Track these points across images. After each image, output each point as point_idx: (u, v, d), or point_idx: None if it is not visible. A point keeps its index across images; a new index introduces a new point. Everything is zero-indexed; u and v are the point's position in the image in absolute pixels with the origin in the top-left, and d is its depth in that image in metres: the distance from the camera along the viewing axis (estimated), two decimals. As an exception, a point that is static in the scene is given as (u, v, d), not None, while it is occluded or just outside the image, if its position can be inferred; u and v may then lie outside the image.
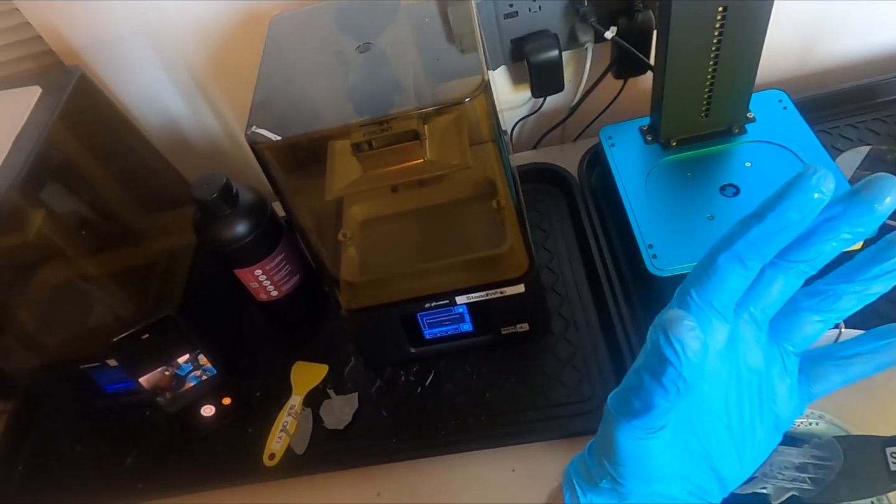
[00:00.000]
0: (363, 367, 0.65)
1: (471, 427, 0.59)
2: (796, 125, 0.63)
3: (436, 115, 0.49)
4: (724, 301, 0.25)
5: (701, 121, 0.63)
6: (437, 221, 0.62)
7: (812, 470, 0.36)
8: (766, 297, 0.27)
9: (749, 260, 0.24)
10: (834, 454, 0.36)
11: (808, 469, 0.37)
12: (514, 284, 0.56)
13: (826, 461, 0.37)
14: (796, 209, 0.23)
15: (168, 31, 0.70)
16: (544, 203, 0.75)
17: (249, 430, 0.64)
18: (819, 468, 0.36)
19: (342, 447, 0.60)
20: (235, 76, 0.75)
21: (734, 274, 0.25)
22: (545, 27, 0.70)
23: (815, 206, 0.23)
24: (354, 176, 0.51)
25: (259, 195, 0.61)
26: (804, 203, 0.23)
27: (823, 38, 0.77)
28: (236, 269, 0.62)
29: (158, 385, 0.62)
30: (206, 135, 0.81)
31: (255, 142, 0.44)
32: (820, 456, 0.37)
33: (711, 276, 0.25)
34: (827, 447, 0.37)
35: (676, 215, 0.59)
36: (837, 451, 0.36)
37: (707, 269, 0.25)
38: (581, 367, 0.60)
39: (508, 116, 0.82)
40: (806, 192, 0.23)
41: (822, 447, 0.37)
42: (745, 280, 0.25)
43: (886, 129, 0.69)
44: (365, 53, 0.49)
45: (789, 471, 0.37)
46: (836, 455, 0.36)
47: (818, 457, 0.37)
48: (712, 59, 0.57)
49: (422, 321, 0.60)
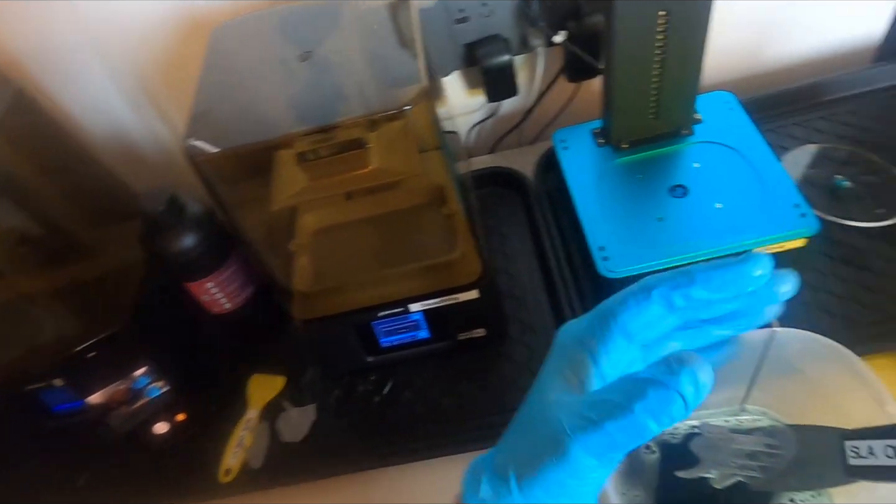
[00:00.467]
0: (320, 378, 0.64)
1: (430, 434, 0.59)
2: (742, 125, 0.64)
3: (382, 122, 0.48)
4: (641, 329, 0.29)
5: (650, 123, 0.64)
6: (391, 229, 0.62)
7: (763, 458, 0.36)
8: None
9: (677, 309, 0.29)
10: (786, 443, 0.36)
11: (759, 457, 0.36)
12: (467, 290, 0.56)
13: (777, 449, 0.36)
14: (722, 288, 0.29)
15: (114, 40, 0.69)
16: (502, 207, 0.75)
17: (205, 445, 0.62)
18: (770, 456, 0.36)
19: (299, 460, 0.59)
20: (186, 85, 0.73)
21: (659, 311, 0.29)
22: (496, 32, 0.70)
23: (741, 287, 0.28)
24: (300, 185, 0.50)
25: (208, 207, 0.60)
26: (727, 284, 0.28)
27: (769, 41, 0.79)
28: (187, 283, 0.61)
29: (111, 402, 0.60)
30: (157, 145, 0.80)
31: (193, 154, 0.44)
32: (772, 444, 0.36)
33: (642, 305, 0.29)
34: (780, 435, 0.36)
35: (627, 217, 0.59)
36: (790, 440, 0.35)
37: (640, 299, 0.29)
38: (538, 371, 0.60)
39: (465, 120, 0.82)
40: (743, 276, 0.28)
41: (774, 435, 0.37)
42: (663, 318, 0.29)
43: (830, 128, 0.71)
44: (307, 61, 0.49)
45: (740, 458, 0.36)
46: (789, 444, 0.35)
47: (770, 445, 0.36)
48: (658, 62, 0.58)
49: (377, 330, 0.60)
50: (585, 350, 0.29)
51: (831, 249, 0.60)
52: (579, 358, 0.29)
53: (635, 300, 0.29)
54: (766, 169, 0.59)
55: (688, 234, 0.56)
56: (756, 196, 0.58)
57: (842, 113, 0.72)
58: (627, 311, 0.29)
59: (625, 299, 0.29)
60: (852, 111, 0.72)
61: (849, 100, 0.73)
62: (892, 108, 0.71)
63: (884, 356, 0.53)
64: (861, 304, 0.56)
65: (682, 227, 0.57)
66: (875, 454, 0.31)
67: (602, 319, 0.29)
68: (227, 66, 0.51)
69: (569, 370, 0.29)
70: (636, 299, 0.29)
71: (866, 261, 0.59)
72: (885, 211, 0.62)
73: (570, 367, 0.29)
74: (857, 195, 0.64)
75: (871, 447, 0.31)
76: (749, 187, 0.58)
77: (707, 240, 0.55)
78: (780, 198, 0.57)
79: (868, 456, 0.31)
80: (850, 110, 0.72)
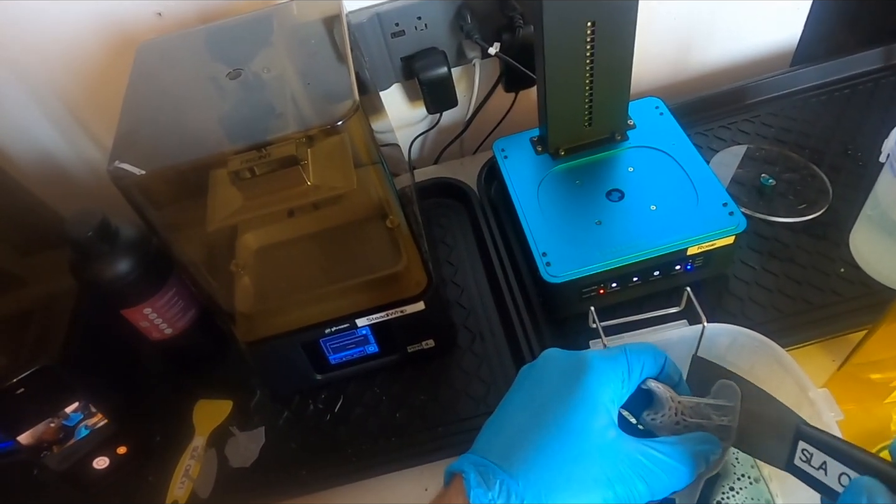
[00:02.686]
0: (269, 400, 0.63)
1: (382, 450, 0.58)
2: (672, 130, 0.67)
3: (317, 138, 0.48)
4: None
5: (585, 130, 0.65)
6: (335, 244, 0.61)
7: (714, 416, 0.35)
8: None
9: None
10: (731, 396, 0.35)
11: (710, 415, 0.35)
12: (413, 303, 0.56)
13: (727, 402, 0.36)
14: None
15: (34, 60, 0.66)
16: (447, 217, 0.76)
17: (150, 478, 0.60)
18: (719, 409, 0.35)
19: (249, 485, 0.58)
20: (114, 105, 0.71)
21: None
22: (433, 45, 0.71)
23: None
24: (236, 205, 0.49)
25: (143, 229, 0.58)
26: None
27: (694, 48, 0.82)
28: (123, 310, 0.59)
29: (43, 440, 0.57)
30: (87, 168, 0.77)
31: (118, 177, 0.42)
32: (719, 405, 0.36)
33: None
34: (725, 390, 0.36)
35: (567, 222, 0.61)
36: (734, 393, 0.35)
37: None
38: (488, 378, 0.61)
39: (407, 132, 0.83)
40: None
41: (720, 391, 0.36)
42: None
43: (754, 129, 0.75)
44: (237, 79, 0.48)
45: (692, 417, 0.36)
46: (733, 397, 0.35)
47: (717, 406, 0.36)
48: (589, 71, 0.60)
49: (325, 347, 0.59)
50: (620, 376, 0.35)
51: (759, 245, 0.63)
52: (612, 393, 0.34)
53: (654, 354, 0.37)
54: (695, 171, 0.62)
55: (625, 237, 0.58)
56: (687, 197, 0.60)
57: (764, 115, 0.76)
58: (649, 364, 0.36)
59: (647, 348, 0.37)
60: (773, 113, 0.76)
61: (770, 102, 0.77)
62: (809, 108, 0.76)
63: (811, 343, 0.56)
64: (788, 295, 0.59)
65: (619, 230, 0.59)
66: (826, 472, 0.30)
67: (631, 357, 0.35)
68: (153, 84, 0.50)
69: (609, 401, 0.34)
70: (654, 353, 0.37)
71: (791, 254, 0.62)
72: (806, 206, 0.66)
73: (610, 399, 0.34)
74: (781, 192, 0.67)
75: (825, 463, 0.30)
76: (681, 189, 0.61)
77: (643, 241, 0.57)
78: (709, 198, 0.59)
79: (818, 469, 0.30)
80: (772, 112, 0.76)
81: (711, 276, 0.61)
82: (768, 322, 0.58)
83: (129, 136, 0.45)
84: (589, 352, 0.36)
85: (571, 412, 0.32)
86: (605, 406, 0.33)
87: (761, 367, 0.41)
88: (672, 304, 0.52)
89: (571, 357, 0.35)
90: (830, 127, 0.73)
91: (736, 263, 0.62)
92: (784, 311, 0.58)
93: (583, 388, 0.33)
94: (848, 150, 0.70)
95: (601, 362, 0.34)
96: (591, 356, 0.35)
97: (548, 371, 0.35)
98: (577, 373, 0.34)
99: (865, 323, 0.54)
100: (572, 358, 0.35)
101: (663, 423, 0.36)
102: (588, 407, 0.32)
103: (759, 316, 0.58)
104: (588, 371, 0.33)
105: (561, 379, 0.34)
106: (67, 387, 0.55)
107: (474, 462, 0.32)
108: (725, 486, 0.46)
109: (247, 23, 0.55)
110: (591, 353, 0.35)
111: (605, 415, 0.32)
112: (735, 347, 0.43)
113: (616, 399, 0.34)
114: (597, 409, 0.32)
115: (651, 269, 0.58)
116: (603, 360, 0.34)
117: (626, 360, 0.35)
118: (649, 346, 0.37)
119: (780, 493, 0.45)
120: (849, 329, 0.55)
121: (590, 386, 0.33)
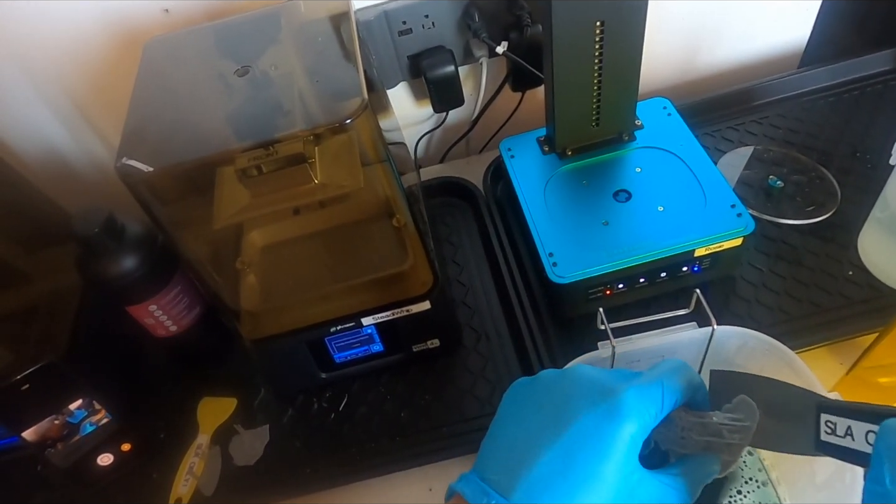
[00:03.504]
0: (273, 398, 0.63)
1: (386, 449, 0.58)
2: (680, 130, 0.66)
3: (325, 136, 0.48)
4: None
5: (592, 130, 0.65)
6: (340, 243, 0.61)
7: (727, 434, 0.34)
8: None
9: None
10: (749, 414, 0.34)
11: (723, 434, 0.34)
12: (419, 302, 0.56)
13: (742, 421, 0.34)
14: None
15: (41, 56, 0.66)
16: (452, 216, 0.75)
17: (154, 475, 0.60)
18: (736, 431, 0.34)
19: (253, 483, 0.58)
20: (121, 102, 0.71)
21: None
22: (440, 43, 0.71)
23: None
24: (243, 203, 0.49)
25: (149, 226, 0.58)
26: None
27: (702, 48, 0.82)
28: (128, 307, 0.59)
29: (47, 437, 0.57)
30: (93, 164, 0.77)
31: (126, 174, 0.42)
32: (735, 417, 0.34)
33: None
34: (742, 406, 0.35)
35: (574, 223, 0.60)
36: (752, 412, 0.34)
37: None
38: (493, 378, 0.61)
39: (413, 131, 0.82)
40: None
41: (737, 408, 0.35)
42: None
43: (762, 130, 0.74)
44: (245, 76, 0.48)
45: (702, 436, 0.34)
46: (752, 415, 0.34)
47: (734, 418, 0.34)
48: (597, 70, 0.60)
49: (330, 345, 0.59)
50: (653, 413, 0.33)
51: (766, 247, 0.63)
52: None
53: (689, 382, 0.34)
54: (703, 172, 0.61)
55: (632, 238, 0.57)
56: (695, 198, 0.60)
57: (772, 116, 0.76)
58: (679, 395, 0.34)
59: (682, 376, 0.34)
60: (782, 114, 0.76)
61: (778, 103, 0.77)
62: (817, 110, 0.75)
63: (819, 346, 0.55)
64: (796, 298, 0.59)
65: (626, 231, 0.58)
66: (853, 437, 0.29)
67: (667, 390, 0.33)
68: (161, 81, 0.50)
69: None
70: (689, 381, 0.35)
71: (799, 257, 0.62)
72: (814, 208, 0.65)
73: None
74: (789, 194, 0.67)
75: (850, 428, 0.29)
76: (688, 190, 0.60)
77: (650, 242, 0.57)
78: (717, 199, 0.59)
79: (844, 436, 0.29)
80: (780, 113, 0.76)
81: (718, 277, 0.61)
82: (775, 325, 0.57)
83: (137, 132, 0.45)
84: (622, 386, 0.32)
85: (606, 458, 0.30)
86: (636, 447, 0.31)
87: (771, 371, 0.41)
88: (678, 306, 0.52)
89: (602, 390, 0.32)
90: (839, 129, 0.73)
91: (743, 265, 0.62)
92: (791, 314, 0.58)
93: (617, 435, 0.30)
94: (856, 153, 0.70)
95: (638, 403, 0.31)
96: (626, 395, 0.31)
97: (574, 397, 0.32)
98: (611, 415, 0.31)
99: (874, 326, 0.53)
100: (603, 391, 0.32)
101: (670, 437, 0.35)
102: (621, 457, 0.30)
103: (767, 318, 0.58)
104: (624, 415, 0.31)
105: (590, 414, 0.31)
106: (72, 383, 0.55)
107: (480, 490, 0.31)
108: (733, 490, 0.46)
109: (255, 20, 0.55)
110: (625, 389, 0.32)
111: (634, 458, 0.31)
112: (745, 350, 0.42)
113: (645, 435, 0.32)
114: (630, 457, 0.30)
115: (658, 271, 0.58)
116: (639, 401, 0.31)
117: (662, 394, 0.32)
118: (686, 377, 0.34)
119: (789, 496, 0.45)
120: (857, 332, 0.55)
121: (625, 432, 0.30)
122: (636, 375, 0.34)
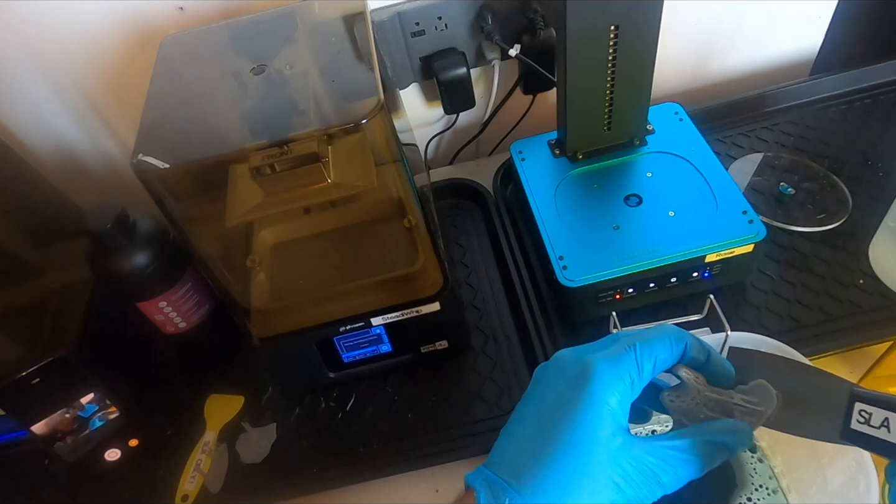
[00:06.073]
0: (281, 396, 0.63)
1: (393, 450, 0.58)
2: (691, 136, 0.66)
3: (338, 136, 0.48)
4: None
5: (604, 134, 0.65)
6: (351, 242, 0.61)
7: (738, 414, 0.34)
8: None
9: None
10: (766, 400, 0.34)
11: (734, 413, 0.34)
12: (429, 303, 0.56)
13: (756, 405, 0.34)
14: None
15: (56, 53, 0.66)
16: (462, 218, 0.75)
17: (160, 471, 0.60)
18: (748, 413, 0.34)
19: (260, 481, 0.58)
20: (134, 99, 0.71)
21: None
22: (452, 45, 0.71)
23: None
24: (256, 201, 0.49)
25: (160, 223, 0.58)
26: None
27: (714, 55, 0.82)
28: (138, 303, 0.59)
29: (57, 431, 0.57)
30: (105, 161, 0.77)
31: (142, 171, 0.42)
32: (749, 400, 0.34)
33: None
34: (760, 391, 0.34)
35: (584, 226, 0.60)
36: (770, 398, 0.33)
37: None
38: (501, 381, 0.60)
39: (424, 132, 0.82)
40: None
41: (754, 391, 0.34)
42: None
43: (773, 137, 0.74)
44: (261, 75, 0.48)
45: (713, 411, 0.34)
46: (769, 401, 0.33)
47: (748, 401, 0.34)
48: (610, 75, 0.60)
49: (339, 345, 0.59)
50: (627, 378, 0.33)
51: (776, 254, 0.63)
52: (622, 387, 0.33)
53: (669, 343, 0.34)
54: (714, 177, 0.61)
55: (642, 242, 0.57)
56: (706, 204, 0.60)
57: (783, 123, 0.75)
58: (663, 349, 0.34)
59: (661, 339, 0.34)
60: (793, 121, 0.75)
61: (789, 110, 0.77)
62: (829, 118, 0.75)
63: (829, 355, 0.55)
64: (806, 305, 0.59)
65: (637, 235, 0.58)
66: (890, 429, 0.29)
67: (640, 354, 0.34)
68: (177, 79, 0.50)
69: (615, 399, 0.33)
70: (671, 342, 0.34)
71: (809, 264, 0.62)
72: (825, 216, 0.65)
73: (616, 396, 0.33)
74: (800, 201, 0.67)
75: (887, 419, 0.29)
76: (699, 196, 0.60)
77: (661, 247, 0.57)
78: (728, 205, 0.59)
79: (879, 427, 0.29)
80: (791, 120, 0.76)
81: (728, 284, 0.61)
82: (785, 332, 0.57)
83: (152, 129, 0.45)
84: (593, 356, 0.34)
85: (576, 425, 0.31)
86: (611, 412, 0.32)
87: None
88: (688, 312, 0.52)
89: (576, 362, 0.34)
90: (850, 137, 0.72)
91: (753, 272, 0.62)
92: (801, 322, 0.58)
93: (586, 397, 0.32)
94: (868, 161, 0.70)
95: (605, 366, 0.33)
96: (595, 361, 0.33)
97: (555, 377, 0.34)
98: (581, 381, 0.32)
99: (885, 335, 0.53)
100: (576, 363, 0.34)
101: (682, 408, 0.35)
102: (593, 417, 0.31)
103: (777, 326, 0.58)
104: (592, 379, 0.32)
105: (566, 387, 0.33)
106: (81, 378, 0.56)
107: (487, 478, 0.32)
108: (743, 497, 0.46)
109: (270, 19, 0.55)
110: (594, 357, 0.33)
111: (612, 422, 0.32)
112: (756, 356, 0.42)
113: (624, 401, 0.33)
114: (602, 417, 0.31)
115: (668, 276, 0.58)
116: (607, 364, 0.33)
117: (635, 358, 0.34)
118: (664, 336, 0.34)
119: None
120: (868, 341, 0.55)
121: (594, 394, 0.32)
122: (616, 340, 0.35)
